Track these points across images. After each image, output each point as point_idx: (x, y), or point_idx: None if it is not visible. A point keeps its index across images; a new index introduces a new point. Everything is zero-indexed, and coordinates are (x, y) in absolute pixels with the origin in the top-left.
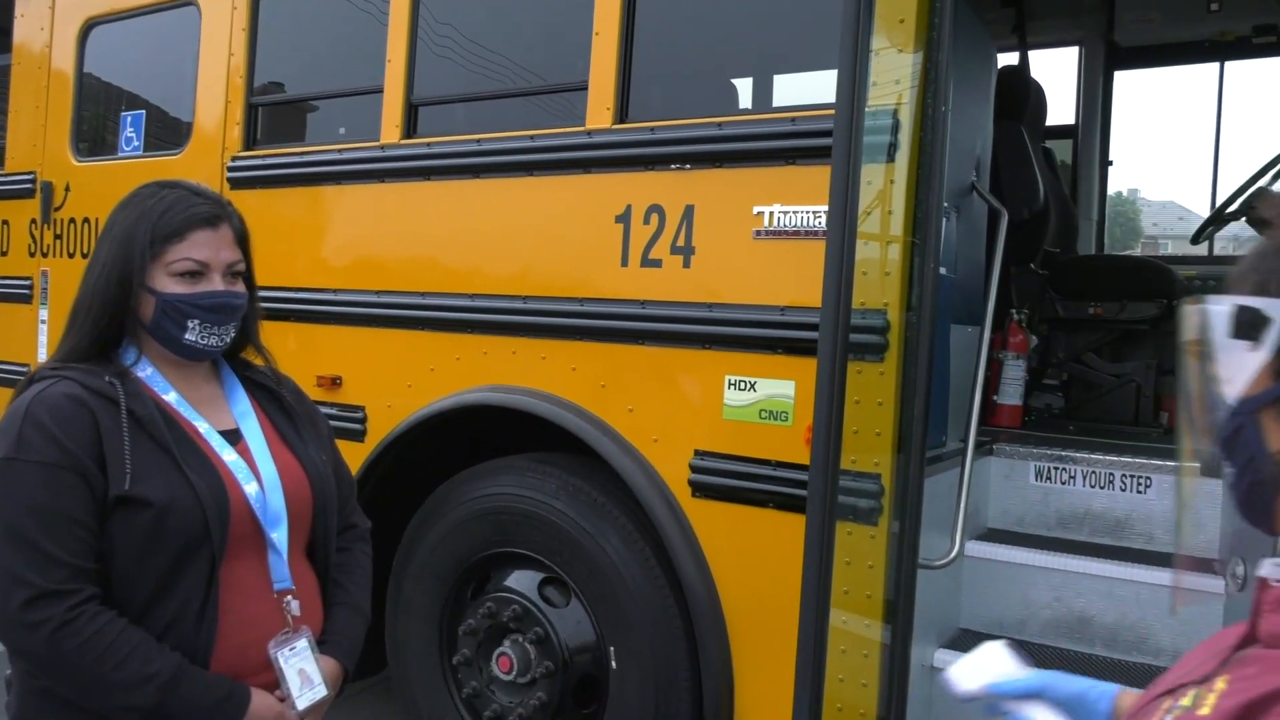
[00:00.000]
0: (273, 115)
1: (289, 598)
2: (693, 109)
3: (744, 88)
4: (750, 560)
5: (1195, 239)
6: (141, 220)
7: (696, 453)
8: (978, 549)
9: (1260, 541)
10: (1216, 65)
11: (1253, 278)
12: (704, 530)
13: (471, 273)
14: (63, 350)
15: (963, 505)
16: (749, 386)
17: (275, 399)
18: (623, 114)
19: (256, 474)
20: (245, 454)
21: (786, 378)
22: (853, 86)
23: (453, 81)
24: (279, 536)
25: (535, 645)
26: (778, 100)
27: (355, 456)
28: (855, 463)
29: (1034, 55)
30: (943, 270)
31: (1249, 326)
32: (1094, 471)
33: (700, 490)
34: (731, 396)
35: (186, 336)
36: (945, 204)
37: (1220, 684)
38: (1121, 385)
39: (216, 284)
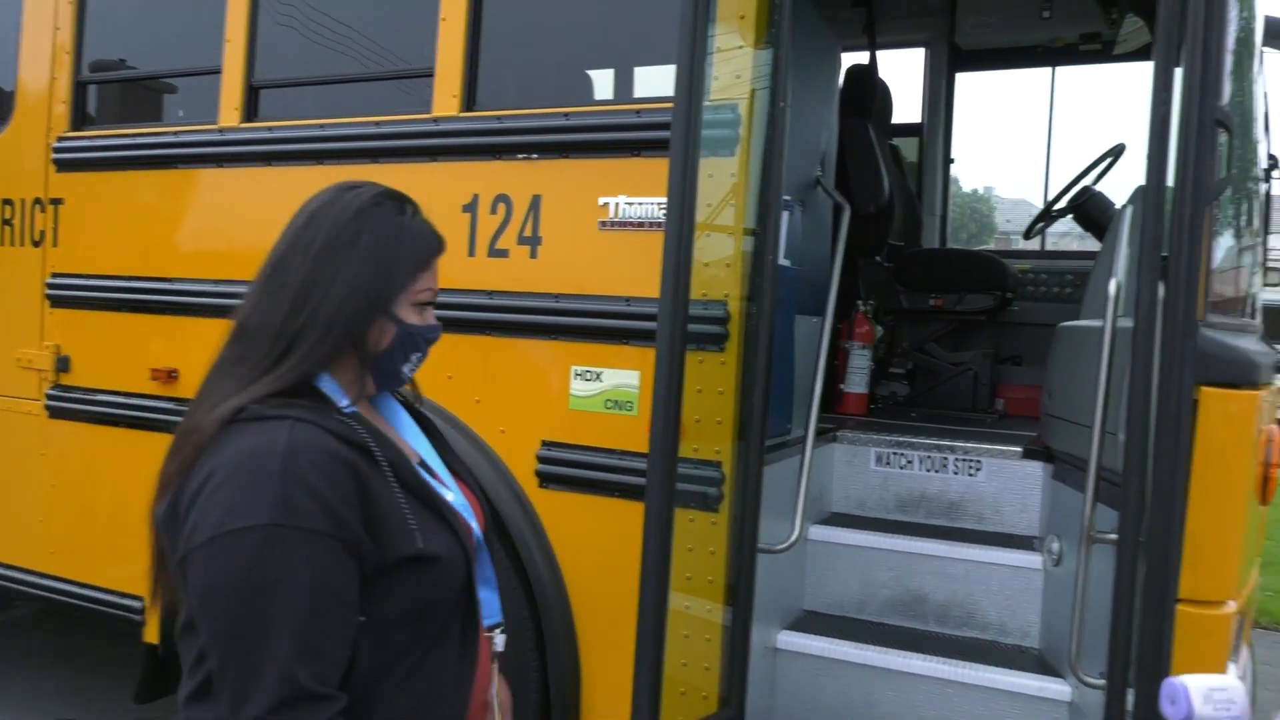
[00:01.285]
0: (108, 94)
1: (497, 631)
2: (545, 99)
3: (605, 79)
4: (598, 550)
5: (1026, 235)
6: (403, 241)
7: (544, 443)
8: (820, 533)
9: (1072, 520)
10: (1049, 69)
11: None
12: (551, 521)
13: None
14: (263, 383)
15: (803, 491)
16: (595, 377)
17: (419, 417)
18: (470, 102)
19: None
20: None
21: (632, 368)
22: (690, 80)
23: (297, 64)
24: (489, 569)
25: None
26: (640, 93)
27: None
28: (697, 451)
29: (884, 55)
30: (787, 263)
31: None
32: (929, 456)
33: (547, 480)
34: (578, 387)
35: (405, 369)
36: (788, 198)
37: None
38: (960, 373)
39: (433, 315)
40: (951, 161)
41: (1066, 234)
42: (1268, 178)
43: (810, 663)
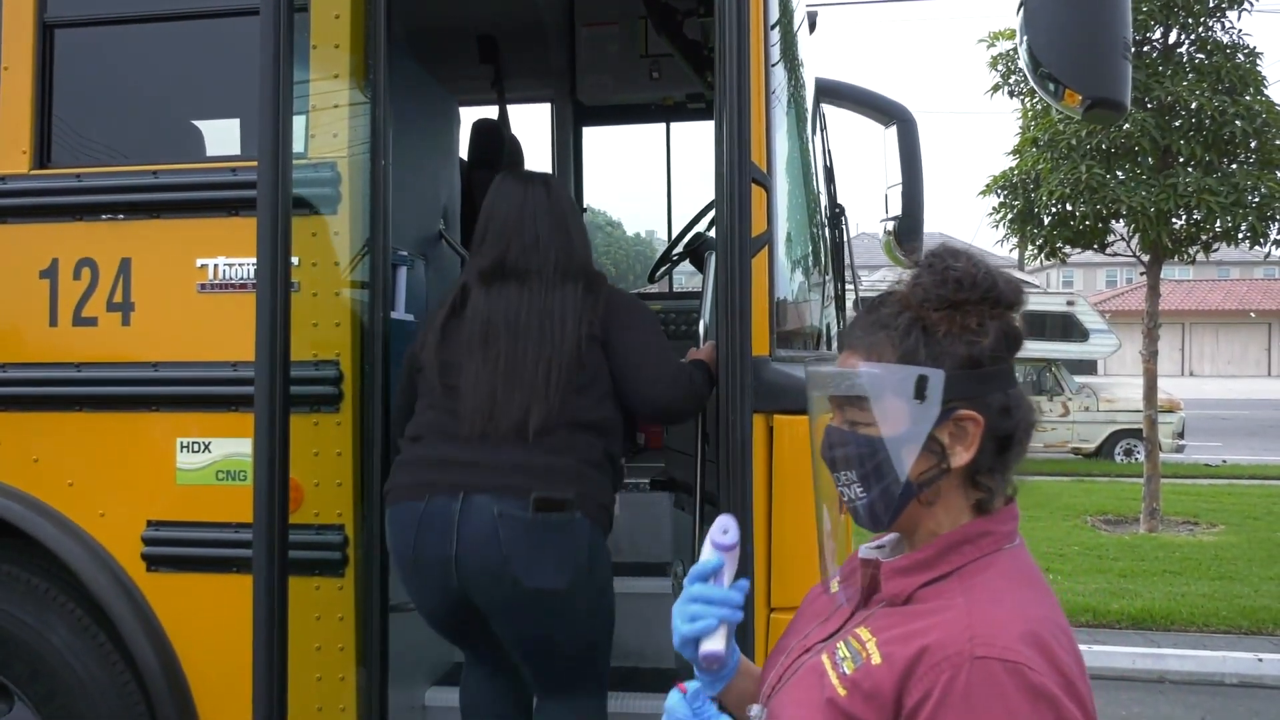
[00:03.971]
0: None
1: None
2: (143, 154)
3: (232, 130)
4: (218, 631)
5: (650, 278)
6: None
7: (149, 523)
8: None
9: (687, 548)
10: (664, 125)
11: (895, 350)
12: (163, 605)
13: None
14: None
15: None
16: (203, 448)
17: None
18: (44, 158)
19: None
20: None
21: (243, 435)
22: (275, 138)
23: None
24: None
25: None
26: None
27: None
28: (318, 515)
29: (520, 109)
30: (409, 317)
31: (922, 389)
32: None
33: (156, 563)
34: (185, 460)
35: None
36: (404, 253)
37: (866, 634)
38: None
39: None
40: (584, 210)
41: (695, 274)
42: (836, 224)
43: (459, 715)
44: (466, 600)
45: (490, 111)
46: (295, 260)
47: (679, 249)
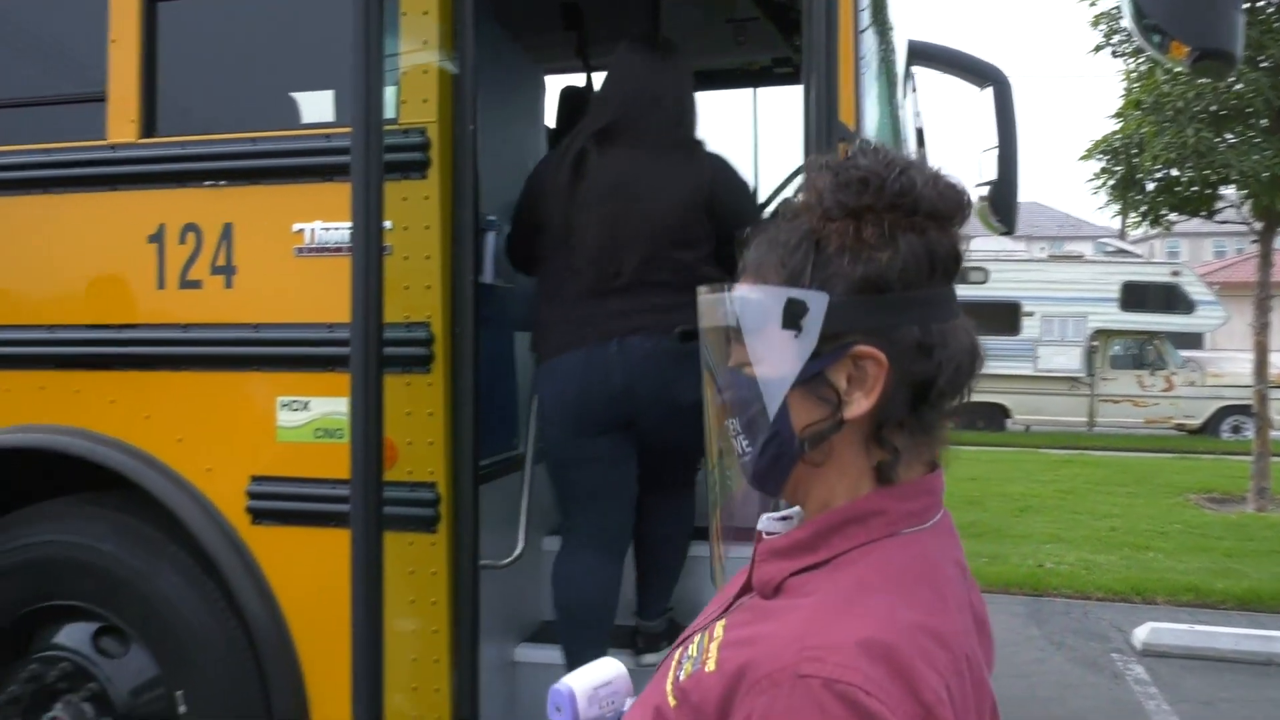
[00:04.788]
0: None
1: None
2: (241, 123)
3: (326, 100)
4: (319, 583)
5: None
6: None
7: (253, 478)
8: (555, 544)
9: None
10: (750, 90)
11: (781, 270)
12: (267, 557)
13: None
14: None
15: (524, 505)
16: (302, 406)
17: None
18: (150, 127)
19: None
20: None
21: (340, 395)
22: (367, 104)
23: None
24: None
25: (91, 702)
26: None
27: None
28: (411, 473)
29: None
30: (500, 282)
31: (795, 317)
32: None
33: (260, 517)
34: (285, 418)
35: None
36: (494, 218)
37: (719, 631)
38: None
39: None
40: None
41: None
42: None
43: (551, 672)
44: (628, 423)
45: (576, 79)
46: (388, 224)
47: (767, 215)
